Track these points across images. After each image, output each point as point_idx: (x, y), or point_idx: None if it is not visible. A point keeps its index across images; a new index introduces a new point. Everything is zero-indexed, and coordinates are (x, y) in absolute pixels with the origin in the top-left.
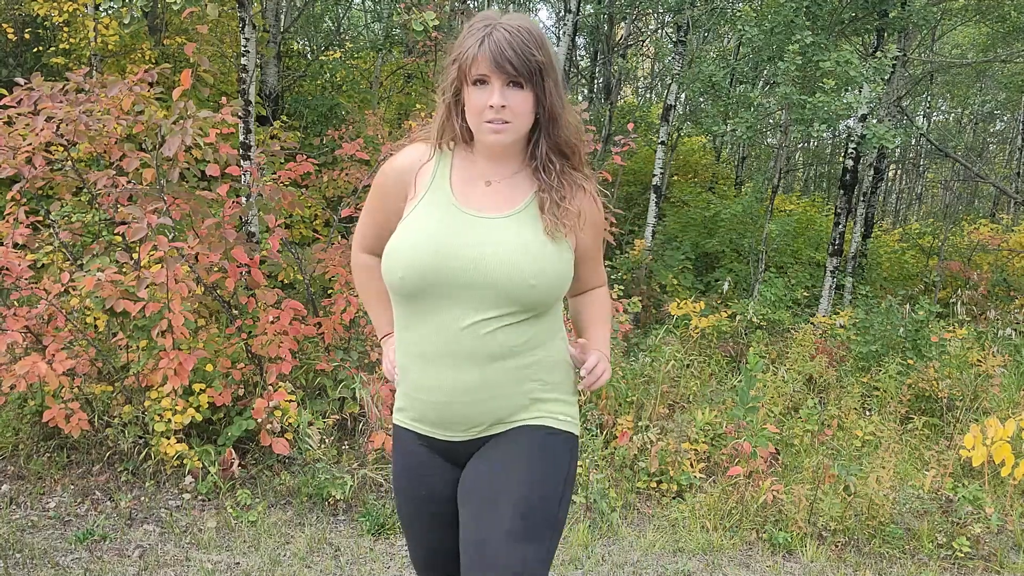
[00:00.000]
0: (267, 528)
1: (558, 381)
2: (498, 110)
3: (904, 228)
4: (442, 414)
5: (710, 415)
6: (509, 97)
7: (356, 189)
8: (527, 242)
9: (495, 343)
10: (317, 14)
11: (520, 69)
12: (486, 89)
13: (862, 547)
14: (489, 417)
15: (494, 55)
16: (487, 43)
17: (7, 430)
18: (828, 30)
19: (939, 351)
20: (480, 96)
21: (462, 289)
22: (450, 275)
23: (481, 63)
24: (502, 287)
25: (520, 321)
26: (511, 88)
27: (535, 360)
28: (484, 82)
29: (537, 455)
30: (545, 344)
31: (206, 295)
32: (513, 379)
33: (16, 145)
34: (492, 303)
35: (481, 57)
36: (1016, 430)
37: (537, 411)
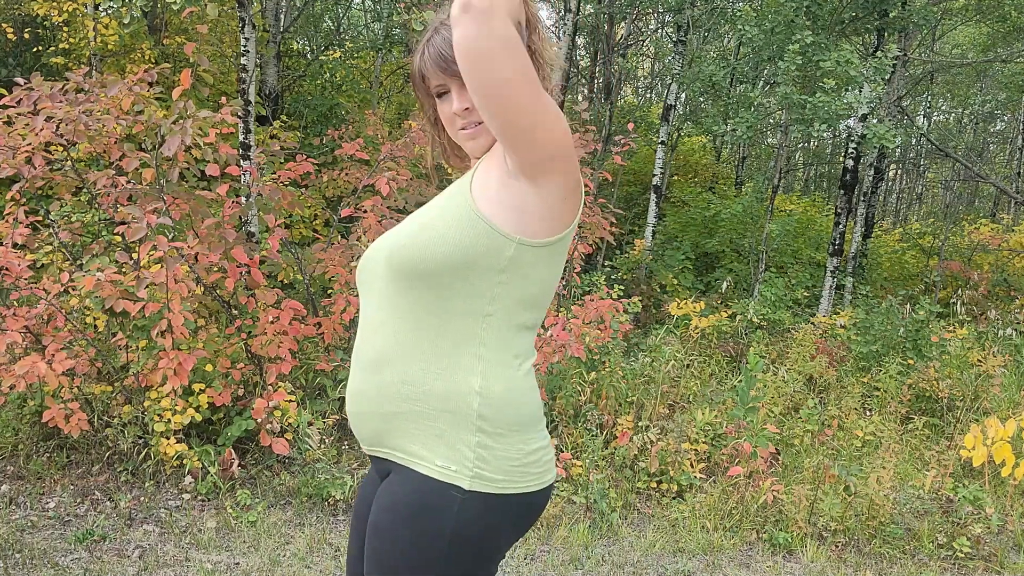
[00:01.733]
0: (267, 528)
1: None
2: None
3: (904, 228)
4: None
5: (710, 415)
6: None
7: (356, 189)
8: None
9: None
10: (317, 14)
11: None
12: (448, 98)
13: (862, 547)
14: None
15: (436, 61)
16: (427, 52)
17: (7, 430)
18: (828, 30)
19: (939, 351)
20: (445, 107)
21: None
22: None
23: (431, 74)
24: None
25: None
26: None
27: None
28: (446, 92)
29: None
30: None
31: (206, 295)
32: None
33: (16, 145)
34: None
35: (429, 68)
36: (1016, 430)
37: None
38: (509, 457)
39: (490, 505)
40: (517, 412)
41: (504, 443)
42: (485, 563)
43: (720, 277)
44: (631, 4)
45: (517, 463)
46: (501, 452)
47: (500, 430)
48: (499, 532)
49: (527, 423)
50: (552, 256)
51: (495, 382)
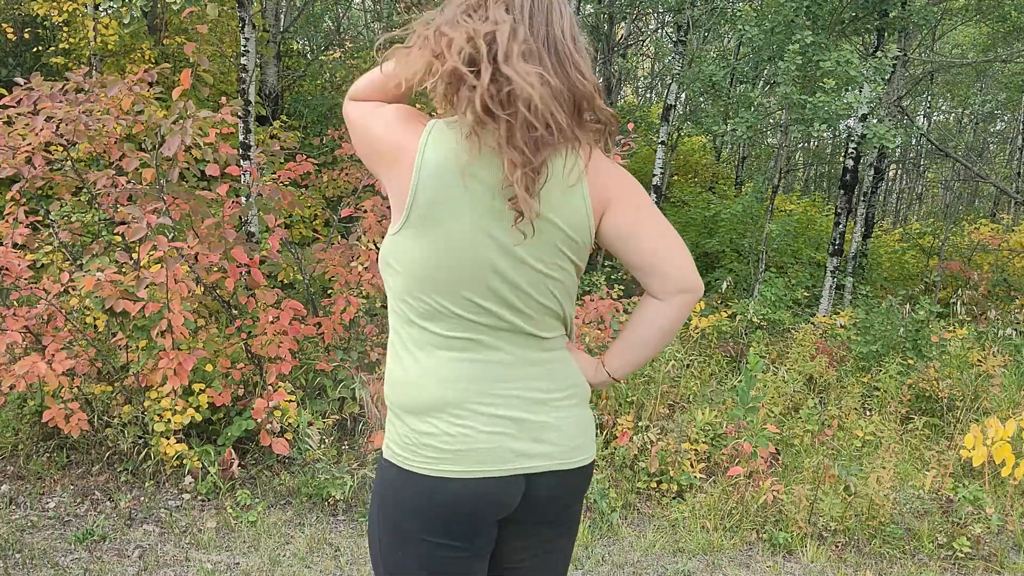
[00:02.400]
0: (267, 528)
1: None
2: None
3: (904, 228)
4: None
5: (710, 415)
6: None
7: (356, 189)
8: None
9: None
10: (317, 14)
11: None
12: None
13: (862, 547)
14: None
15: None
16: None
17: (7, 430)
18: (828, 30)
19: (939, 351)
20: None
21: None
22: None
23: None
24: None
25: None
26: None
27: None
28: None
29: None
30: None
31: (206, 295)
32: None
33: (16, 145)
34: None
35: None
36: (1016, 430)
37: None
38: (403, 434)
39: (392, 473)
40: (407, 396)
41: (399, 421)
42: (396, 535)
43: (720, 277)
44: (631, 4)
45: (410, 441)
46: (399, 428)
47: (395, 410)
48: (399, 503)
49: (420, 409)
50: (404, 244)
51: (393, 368)
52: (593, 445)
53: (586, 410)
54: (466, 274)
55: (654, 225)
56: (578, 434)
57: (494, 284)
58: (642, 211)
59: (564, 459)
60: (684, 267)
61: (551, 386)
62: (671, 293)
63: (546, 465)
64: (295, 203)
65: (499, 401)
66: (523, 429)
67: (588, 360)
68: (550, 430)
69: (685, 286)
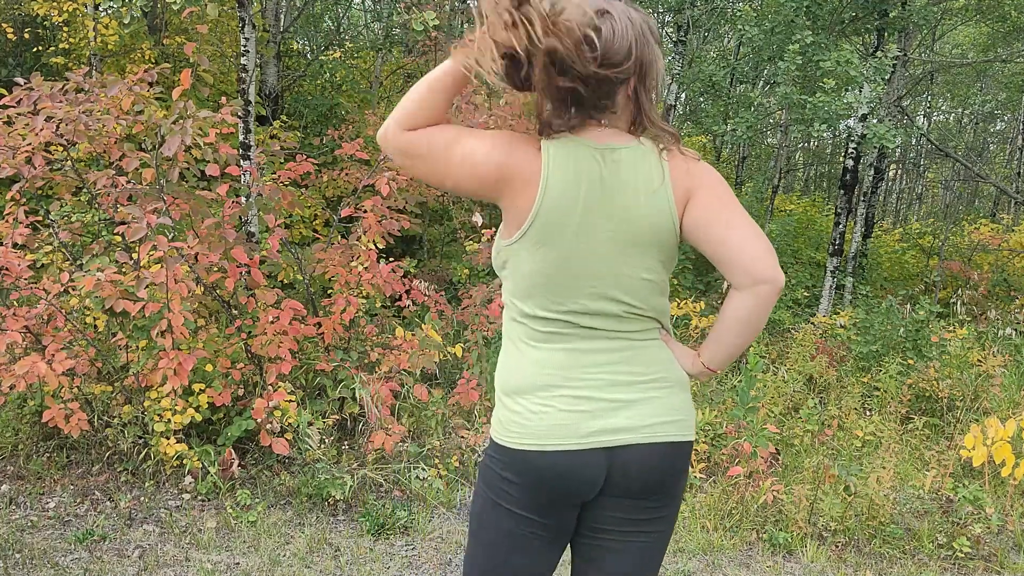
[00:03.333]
0: (267, 528)
1: None
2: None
3: (904, 228)
4: None
5: (710, 415)
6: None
7: (356, 189)
8: None
9: None
10: (317, 14)
11: None
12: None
13: (862, 547)
14: None
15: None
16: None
17: (7, 430)
18: (828, 30)
19: (939, 351)
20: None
21: None
22: None
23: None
24: None
25: None
26: None
27: None
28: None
29: None
30: None
31: (206, 295)
32: None
33: (16, 145)
34: None
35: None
36: (1016, 430)
37: None
38: (500, 413)
39: (491, 447)
40: (506, 381)
41: (499, 403)
42: (487, 503)
43: (720, 277)
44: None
45: (504, 419)
46: (499, 409)
47: (498, 392)
48: (492, 473)
49: (514, 390)
50: (520, 253)
51: (502, 356)
52: (690, 427)
53: (681, 394)
54: (571, 283)
55: (728, 215)
56: (667, 412)
57: (594, 291)
58: (715, 202)
59: (650, 433)
60: (757, 258)
61: (639, 370)
62: (747, 284)
63: (629, 439)
64: (295, 203)
65: (582, 384)
66: (604, 407)
67: (686, 351)
68: (635, 407)
69: (760, 277)
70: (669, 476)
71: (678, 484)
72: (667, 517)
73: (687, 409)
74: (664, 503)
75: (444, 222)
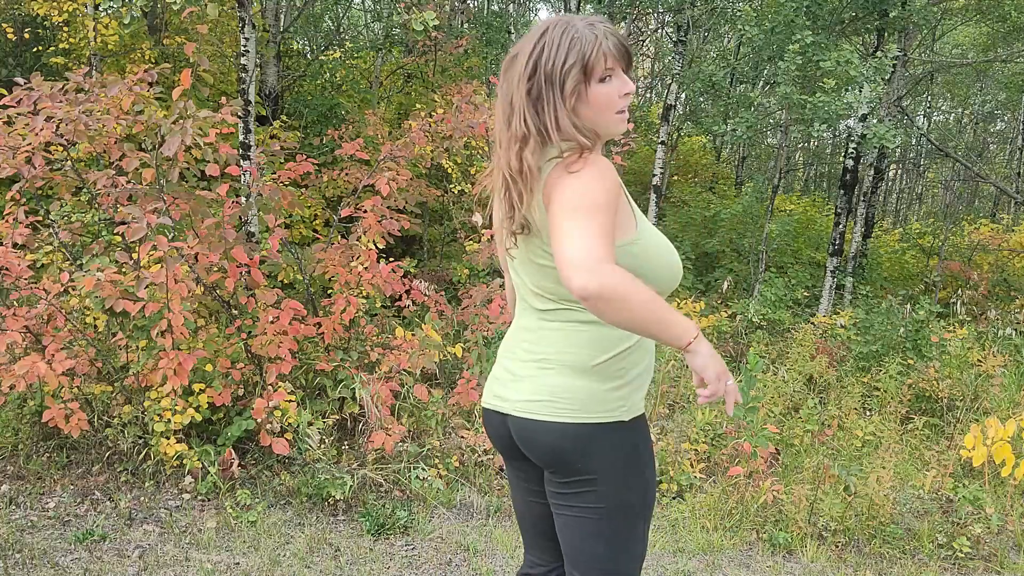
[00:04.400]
0: (267, 528)
1: None
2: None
3: (904, 228)
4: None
5: (710, 415)
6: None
7: (356, 189)
8: None
9: None
10: (317, 14)
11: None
12: (614, 81)
13: (862, 547)
14: None
15: (617, 48)
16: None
17: (7, 430)
18: (828, 30)
19: (939, 351)
20: (611, 89)
21: None
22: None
23: (611, 56)
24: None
25: None
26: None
27: None
28: (610, 76)
29: None
30: None
31: (206, 295)
32: None
33: (16, 145)
34: None
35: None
36: (1016, 430)
37: None
38: None
39: None
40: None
41: None
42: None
43: (720, 277)
44: (631, 4)
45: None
46: None
47: None
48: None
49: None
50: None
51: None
52: (562, 409)
53: (565, 377)
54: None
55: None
56: (538, 392)
57: (516, 280)
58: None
59: (522, 408)
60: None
61: (536, 348)
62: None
63: (508, 409)
64: (295, 203)
65: (506, 353)
66: (504, 376)
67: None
68: (520, 382)
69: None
70: (559, 454)
71: (582, 465)
72: (585, 499)
73: (566, 392)
74: (575, 482)
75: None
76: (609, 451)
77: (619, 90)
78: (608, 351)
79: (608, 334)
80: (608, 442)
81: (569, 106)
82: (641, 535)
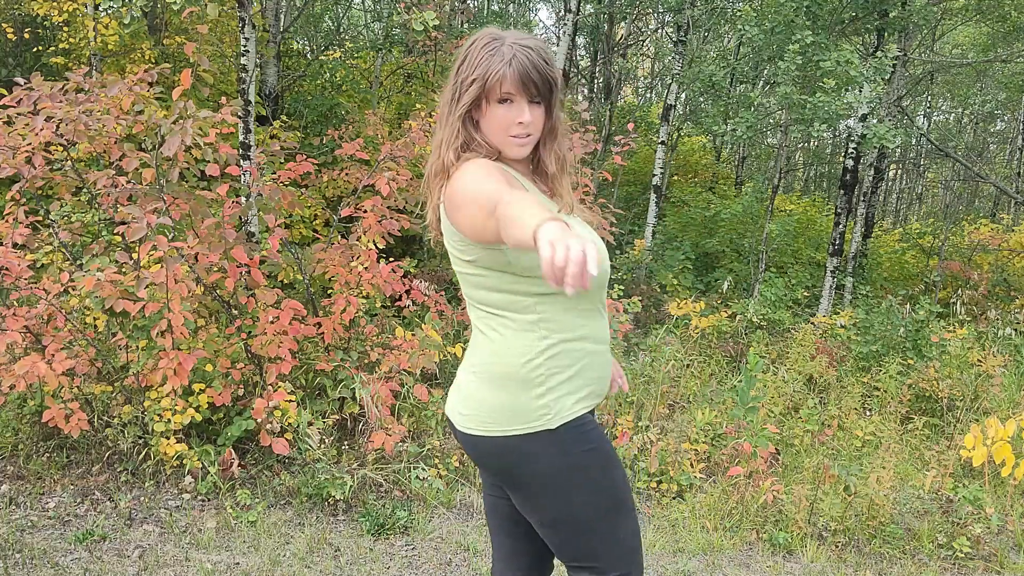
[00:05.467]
0: (267, 528)
1: None
2: (526, 126)
3: (904, 228)
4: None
5: (710, 415)
6: (532, 113)
7: (356, 189)
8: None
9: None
10: (317, 14)
11: (542, 89)
12: (512, 107)
13: (862, 547)
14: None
15: (522, 76)
16: (514, 65)
17: (7, 430)
18: (828, 30)
19: (939, 351)
20: (508, 113)
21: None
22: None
23: (509, 83)
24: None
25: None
26: (532, 105)
27: None
28: (509, 100)
29: None
30: None
31: (206, 295)
32: None
33: (16, 145)
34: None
35: (511, 77)
36: (1016, 430)
37: None
38: None
39: None
40: None
41: None
42: None
43: (720, 277)
44: (631, 4)
45: None
46: None
47: None
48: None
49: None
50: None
51: None
52: (476, 421)
53: (481, 388)
54: None
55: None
56: (467, 405)
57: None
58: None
59: (455, 422)
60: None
61: (469, 355)
62: None
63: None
64: (295, 203)
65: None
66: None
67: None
68: (457, 391)
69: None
70: (496, 467)
71: (520, 478)
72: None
73: (488, 405)
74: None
75: None
76: (542, 462)
77: (515, 117)
78: (524, 355)
79: (524, 337)
80: (536, 453)
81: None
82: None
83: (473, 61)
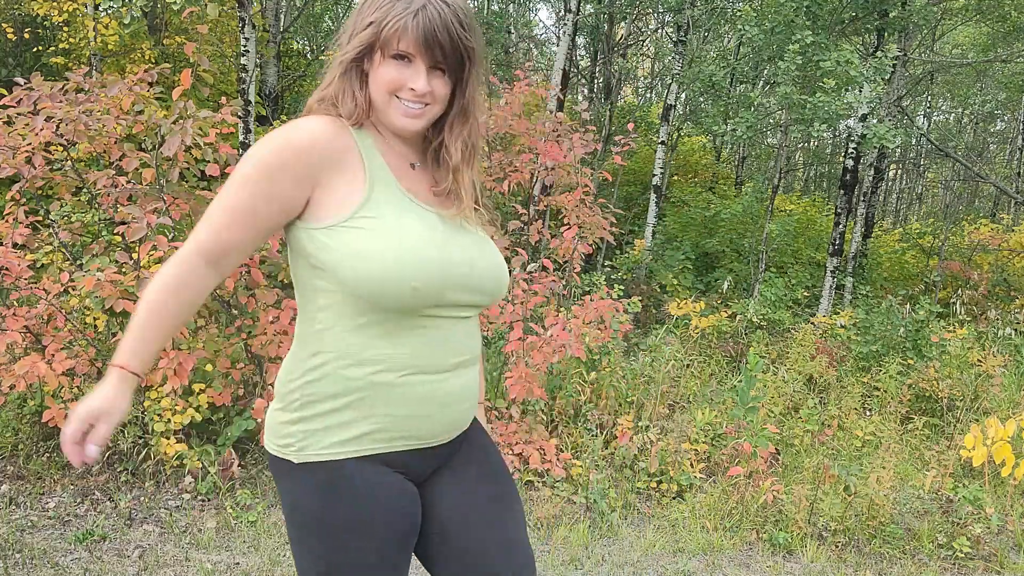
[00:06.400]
0: (267, 528)
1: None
2: (419, 94)
3: (904, 228)
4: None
5: (710, 415)
6: (432, 82)
7: None
8: (488, 240)
9: (474, 346)
10: (317, 14)
11: (449, 56)
12: (407, 67)
13: (862, 547)
14: (465, 422)
15: (426, 33)
16: (420, 18)
17: (7, 430)
18: (828, 30)
19: (939, 351)
20: (400, 73)
21: (462, 294)
22: (455, 282)
23: (409, 39)
24: (490, 290)
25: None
26: (433, 72)
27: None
28: (406, 59)
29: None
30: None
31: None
32: (475, 382)
33: (16, 145)
34: (474, 307)
35: (412, 31)
36: (1016, 430)
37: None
38: None
39: None
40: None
41: None
42: None
43: (720, 277)
44: (631, 4)
45: None
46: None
47: None
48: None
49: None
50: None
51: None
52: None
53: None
54: None
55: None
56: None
57: None
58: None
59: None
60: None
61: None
62: None
63: None
64: None
65: None
66: None
67: None
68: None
69: None
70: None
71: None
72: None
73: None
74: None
75: None
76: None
77: (408, 80)
78: (288, 371)
79: (298, 349)
80: (278, 477)
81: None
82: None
83: (375, 5)
